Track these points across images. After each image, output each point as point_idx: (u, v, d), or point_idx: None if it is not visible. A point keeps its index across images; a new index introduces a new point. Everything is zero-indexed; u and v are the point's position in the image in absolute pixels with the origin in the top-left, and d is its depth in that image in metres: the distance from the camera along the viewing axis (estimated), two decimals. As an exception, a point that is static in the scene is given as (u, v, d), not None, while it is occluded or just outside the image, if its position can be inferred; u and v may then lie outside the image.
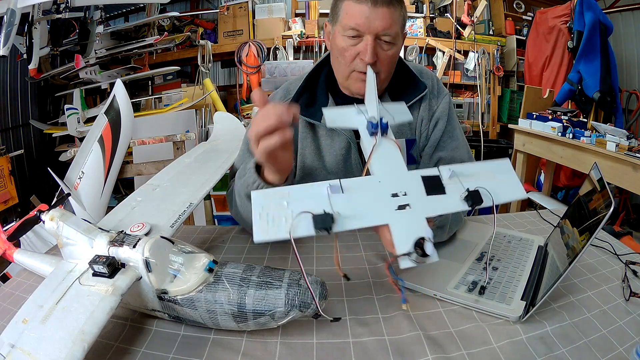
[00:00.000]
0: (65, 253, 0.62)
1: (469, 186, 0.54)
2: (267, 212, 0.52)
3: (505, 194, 0.55)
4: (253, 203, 0.53)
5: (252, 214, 0.52)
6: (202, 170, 0.92)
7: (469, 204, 0.53)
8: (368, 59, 0.80)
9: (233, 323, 0.56)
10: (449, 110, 0.95)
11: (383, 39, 0.81)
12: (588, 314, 0.63)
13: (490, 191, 0.54)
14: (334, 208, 0.51)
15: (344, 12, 0.81)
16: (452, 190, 0.55)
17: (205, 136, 2.92)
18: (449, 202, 0.54)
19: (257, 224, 0.50)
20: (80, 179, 1.80)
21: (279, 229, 0.50)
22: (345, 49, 0.82)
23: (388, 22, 0.79)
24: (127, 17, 3.70)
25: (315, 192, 0.53)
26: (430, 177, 0.56)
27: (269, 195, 0.54)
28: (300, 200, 0.52)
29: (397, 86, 0.92)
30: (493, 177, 0.57)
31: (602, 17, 2.56)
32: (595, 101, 2.57)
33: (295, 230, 0.49)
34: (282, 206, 0.52)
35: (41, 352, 0.47)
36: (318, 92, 0.92)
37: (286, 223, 0.50)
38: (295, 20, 3.50)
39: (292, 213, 0.50)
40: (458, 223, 0.86)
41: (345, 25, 0.81)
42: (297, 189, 0.54)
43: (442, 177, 0.56)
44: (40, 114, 3.38)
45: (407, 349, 0.56)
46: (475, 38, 3.45)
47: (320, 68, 0.95)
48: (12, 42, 2.15)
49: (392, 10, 0.79)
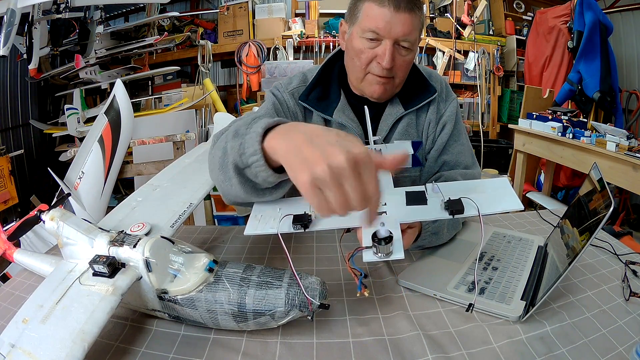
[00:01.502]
0: (65, 253, 0.62)
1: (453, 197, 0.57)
2: (261, 214, 0.62)
3: (499, 205, 0.58)
4: (254, 210, 0.63)
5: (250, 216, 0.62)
6: (202, 170, 0.92)
7: (448, 212, 0.56)
8: (386, 64, 0.79)
9: (233, 323, 0.56)
10: (456, 114, 0.95)
11: (402, 44, 0.80)
12: (588, 314, 0.63)
13: (480, 201, 0.56)
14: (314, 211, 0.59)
15: (364, 14, 0.80)
16: (434, 201, 0.59)
17: (205, 136, 2.92)
18: (428, 210, 0.58)
19: (250, 222, 0.62)
20: (80, 179, 1.80)
21: (265, 226, 0.60)
22: (362, 51, 0.81)
23: (409, 28, 0.78)
24: (127, 17, 3.71)
25: (304, 202, 0.61)
26: (414, 192, 0.61)
27: (268, 205, 0.64)
28: (291, 207, 0.61)
29: (407, 89, 0.91)
30: (487, 191, 0.60)
31: (602, 17, 2.57)
32: (595, 101, 2.58)
33: (280, 227, 0.58)
34: (275, 210, 0.62)
35: (41, 351, 0.47)
36: (332, 87, 0.92)
37: (273, 222, 0.60)
38: (295, 20, 3.51)
39: (281, 215, 0.60)
40: (456, 227, 0.86)
41: (365, 27, 0.79)
42: (290, 200, 0.64)
43: (427, 191, 0.61)
44: (40, 114, 3.39)
45: (407, 349, 0.56)
46: (475, 38, 3.45)
47: (332, 62, 0.94)
48: (12, 42, 2.16)
49: (413, 16, 0.78)
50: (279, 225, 0.58)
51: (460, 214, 0.56)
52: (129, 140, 1.97)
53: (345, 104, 0.90)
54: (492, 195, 0.59)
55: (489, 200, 0.57)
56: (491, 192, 0.59)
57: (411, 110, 0.91)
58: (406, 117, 0.91)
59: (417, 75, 0.93)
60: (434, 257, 0.79)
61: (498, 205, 0.57)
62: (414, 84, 0.92)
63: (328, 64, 0.94)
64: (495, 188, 0.60)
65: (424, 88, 0.93)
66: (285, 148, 0.51)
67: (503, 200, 0.58)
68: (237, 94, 3.59)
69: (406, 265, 0.76)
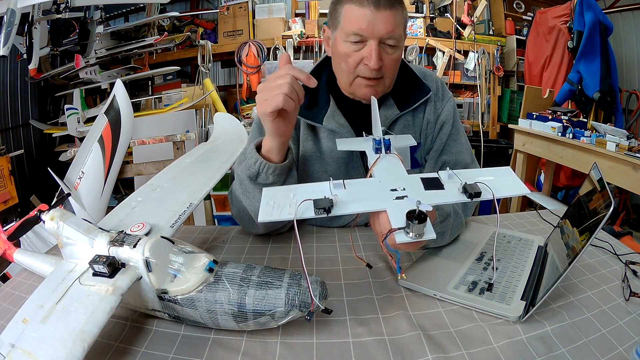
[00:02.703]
0: (65, 253, 0.62)
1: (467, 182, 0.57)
2: (274, 200, 0.58)
3: (506, 190, 0.58)
4: (263, 196, 0.59)
5: (261, 203, 0.57)
6: (202, 170, 0.92)
7: (467, 196, 0.56)
8: (373, 64, 0.78)
9: (233, 323, 0.56)
10: (453, 113, 0.95)
11: (387, 42, 0.79)
12: (588, 314, 0.63)
13: (491, 187, 0.56)
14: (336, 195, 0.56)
15: (345, 17, 0.79)
16: (451, 186, 0.59)
17: (205, 136, 2.92)
18: (447, 194, 0.58)
19: (263, 209, 0.57)
20: (80, 179, 1.80)
21: (282, 212, 0.56)
22: (348, 55, 0.81)
23: (392, 25, 0.77)
24: (127, 17, 3.70)
25: (319, 188, 0.59)
26: (429, 178, 0.61)
27: (279, 190, 0.61)
28: (305, 193, 0.58)
29: (401, 90, 0.91)
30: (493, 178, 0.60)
31: (602, 17, 2.56)
32: (595, 101, 2.57)
33: (298, 213, 0.55)
34: (288, 197, 0.58)
35: (41, 351, 0.47)
36: (320, 94, 0.91)
37: (290, 208, 0.56)
38: (295, 20, 3.50)
39: (297, 202, 0.56)
40: (459, 228, 0.86)
41: (348, 30, 0.78)
42: (303, 186, 0.61)
43: (441, 178, 0.60)
44: (40, 114, 3.38)
45: (407, 349, 0.56)
46: (475, 38, 3.45)
47: (320, 69, 0.94)
48: (12, 42, 2.15)
49: (394, 12, 0.77)
50: (297, 211, 0.55)
51: (478, 198, 0.56)
52: (129, 140, 1.97)
53: (335, 109, 0.89)
54: (498, 181, 0.59)
55: (499, 185, 0.58)
56: (497, 179, 0.60)
57: (407, 111, 0.91)
58: (402, 119, 0.91)
59: (411, 76, 0.93)
60: (434, 257, 0.79)
61: (508, 190, 0.58)
62: (408, 85, 0.92)
63: (315, 71, 0.93)
64: (500, 175, 0.61)
65: (418, 88, 0.92)
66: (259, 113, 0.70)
67: (509, 186, 0.59)
68: (237, 94, 3.58)
69: (406, 265, 0.76)
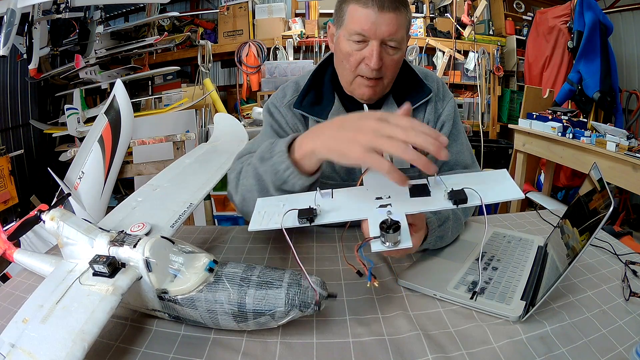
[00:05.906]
0: (65, 253, 0.62)
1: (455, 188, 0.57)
2: (265, 210, 0.62)
3: (499, 194, 0.57)
4: (256, 207, 0.63)
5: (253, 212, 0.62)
6: (202, 170, 0.92)
7: (452, 202, 0.56)
8: (374, 64, 0.79)
9: (233, 323, 0.56)
10: (454, 113, 0.95)
11: (389, 44, 0.80)
12: (588, 313, 0.63)
13: (482, 192, 0.56)
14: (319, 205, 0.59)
15: (349, 16, 0.80)
16: (437, 192, 0.59)
17: (205, 136, 2.92)
18: (432, 201, 0.58)
19: (254, 218, 0.61)
20: (80, 179, 1.80)
21: (270, 221, 0.60)
22: (350, 54, 0.81)
23: (394, 27, 0.78)
24: (127, 17, 3.71)
25: (308, 197, 0.62)
26: (417, 185, 0.61)
27: (272, 200, 0.65)
28: (294, 202, 0.61)
29: (402, 89, 0.91)
30: (488, 183, 0.59)
31: (602, 17, 2.57)
32: (595, 101, 2.58)
33: (284, 222, 0.58)
34: (279, 206, 0.62)
35: (41, 351, 0.47)
36: (324, 91, 0.92)
37: (278, 217, 0.59)
38: (295, 20, 3.51)
39: (285, 210, 0.60)
40: (458, 229, 0.86)
41: (351, 29, 0.79)
42: (293, 196, 0.65)
43: (430, 185, 0.61)
44: (40, 114, 3.39)
45: (407, 349, 0.56)
46: (475, 38, 3.46)
47: (324, 66, 0.94)
48: (12, 42, 2.16)
49: (398, 14, 0.78)
50: (283, 220, 0.58)
51: (464, 204, 0.56)
52: (129, 140, 1.97)
53: (340, 106, 0.90)
54: (493, 185, 0.58)
55: (490, 190, 0.57)
56: (492, 183, 0.59)
57: None
58: None
59: (412, 76, 0.93)
60: (434, 257, 0.79)
61: (500, 195, 0.57)
62: (409, 85, 0.92)
63: (320, 68, 0.94)
64: (495, 179, 0.60)
65: (419, 88, 0.92)
66: (322, 144, 0.62)
67: (504, 190, 0.58)
68: (237, 94, 3.59)
69: (406, 265, 0.76)
